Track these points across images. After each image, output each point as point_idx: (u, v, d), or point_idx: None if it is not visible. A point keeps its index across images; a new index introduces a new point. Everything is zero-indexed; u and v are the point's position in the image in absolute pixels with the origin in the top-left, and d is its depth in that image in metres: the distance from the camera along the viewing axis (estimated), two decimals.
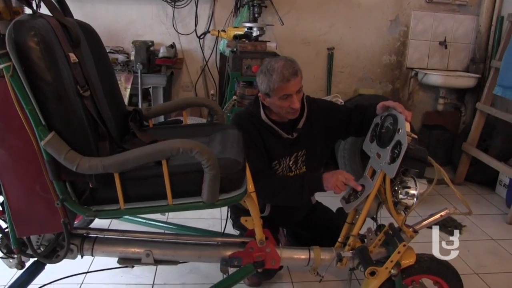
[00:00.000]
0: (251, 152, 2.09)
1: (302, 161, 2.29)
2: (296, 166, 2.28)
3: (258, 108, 2.21)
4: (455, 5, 4.56)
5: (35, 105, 1.43)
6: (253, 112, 2.21)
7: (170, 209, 1.59)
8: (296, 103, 2.08)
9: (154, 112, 2.23)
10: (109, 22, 4.22)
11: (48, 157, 1.47)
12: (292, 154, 2.25)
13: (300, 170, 2.30)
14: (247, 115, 2.23)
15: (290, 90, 2.06)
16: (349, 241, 2.01)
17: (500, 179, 4.01)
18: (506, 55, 3.65)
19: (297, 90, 2.09)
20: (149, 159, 1.52)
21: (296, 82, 2.07)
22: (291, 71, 2.05)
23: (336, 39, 4.52)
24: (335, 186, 2.01)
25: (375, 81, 4.72)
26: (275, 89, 2.06)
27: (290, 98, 2.07)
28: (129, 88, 3.72)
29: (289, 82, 2.04)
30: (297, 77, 2.07)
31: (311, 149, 2.29)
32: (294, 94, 2.07)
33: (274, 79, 2.04)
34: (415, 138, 1.77)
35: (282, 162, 2.23)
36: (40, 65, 1.42)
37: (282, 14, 4.15)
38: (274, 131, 2.19)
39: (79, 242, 1.86)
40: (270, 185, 2.10)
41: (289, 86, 2.05)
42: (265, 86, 2.09)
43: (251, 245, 1.91)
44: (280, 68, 2.04)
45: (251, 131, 2.17)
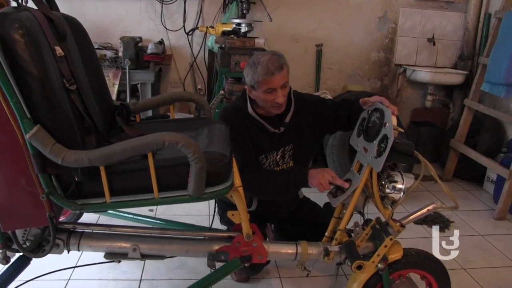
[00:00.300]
0: (237, 146, 2.09)
1: (290, 155, 2.29)
2: (283, 161, 2.28)
3: (245, 103, 2.21)
4: (443, 2, 4.59)
5: (20, 98, 1.41)
6: (240, 107, 2.21)
7: (156, 202, 1.59)
8: (280, 98, 2.09)
9: (141, 107, 2.22)
10: (97, 18, 4.19)
11: (34, 150, 1.46)
12: (279, 149, 2.25)
13: (287, 164, 2.30)
14: (234, 109, 2.23)
15: (274, 84, 2.06)
16: (336, 236, 2.01)
17: (487, 175, 4.03)
18: (493, 52, 3.67)
19: (282, 85, 2.09)
20: (135, 152, 1.51)
21: (281, 76, 2.07)
22: (276, 65, 2.05)
23: (324, 36, 4.53)
24: (319, 184, 2.02)
25: (363, 77, 4.73)
26: (259, 82, 2.06)
27: (274, 92, 2.08)
28: (117, 84, 3.70)
29: (274, 76, 2.04)
30: (282, 71, 2.06)
31: (299, 144, 2.29)
32: (279, 89, 2.07)
33: (259, 72, 2.05)
34: (402, 132, 1.78)
35: (269, 157, 2.23)
36: (25, 57, 1.40)
37: (271, 10, 4.16)
38: (261, 125, 2.19)
39: (65, 237, 1.84)
40: (256, 179, 2.10)
41: (273, 80, 2.05)
42: (250, 79, 2.10)
43: (238, 239, 1.90)
44: (266, 62, 2.05)
45: (238, 125, 2.16)
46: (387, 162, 1.80)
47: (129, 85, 3.74)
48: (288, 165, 2.30)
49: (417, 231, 3.19)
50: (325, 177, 2.01)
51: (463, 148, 4.07)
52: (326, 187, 2.01)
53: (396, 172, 1.93)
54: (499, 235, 3.23)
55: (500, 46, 3.60)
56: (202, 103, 2.26)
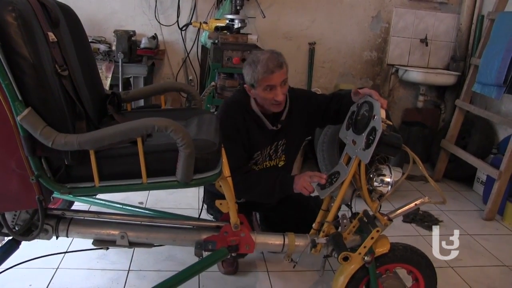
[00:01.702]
0: (232, 145, 2.12)
1: (282, 150, 2.34)
2: (276, 155, 2.34)
3: (247, 98, 2.24)
4: (437, 3, 4.62)
5: (12, 80, 1.41)
6: (242, 101, 2.24)
7: (144, 187, 1.60)
8: (279, 95, 2.12)
9: (132, 96, 2.23)
10: (91, 12, 4.19)
11: (24, 132, 1.46)
12: (273, 144, 2.31)
13: (279, 159, 2.36)
14: (236, 104, 2.26)
15: (274, 82, 2.09)
16: (323, 228, 2.02)
17: (477, 176, 4.05)
18: (485, 53, 3.69)
19: (282, 82, 2.12)
20: (125, 136, 1.52)
21: (281, 74, 2.10)
22: (275, 63, 2.08)
23: (317, 34, 4.55)
24: (302, 188, 2.07)
25: (355, 76, 4.76)
26: (259, 80, 2.10)
27: (274, 90, 2.11)
28: (109, 77, 3.71)
29: (273, 73, 2.08)
30: (281, 69, 2.10)
31: (291, 138, 2.35)
32: (278, 86, 2.11)
33: (259, 70, 2.08)
34: (390, 125, 1.79)
35: (263, 152, 2.29)
36: (17, 40, 1.40)
37: (264, 7, 4.18)
38: (260, 121, 2.23)
39: (54, 222, 1.85)
40: (244, 182, 2.14)
41: (273, 77, 2.08)
42: (249, 77, 2.13)
43: (225, 229, 1.91)
44: (265, 60, 2.08)
45: (238, 120, 2.20)
46: (375, 154, 1.81)
47: (122, 78, 3.74)
48: (280, 160, 2.36)
49: (406, 229, 3.21)
50: (305, 179, 2.07)
51: (454, 149, 4.09)
52: (309, 188, 2.07)
53: (384, 165, 1.94)
54: (487, 235, 3.25)
55: (492, 47, 3.62)
56: (193, 94, 2.26)
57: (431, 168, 4.42)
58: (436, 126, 4.84)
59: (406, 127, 4.70)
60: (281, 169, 2.39)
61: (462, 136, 4.24)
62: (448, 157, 4.23)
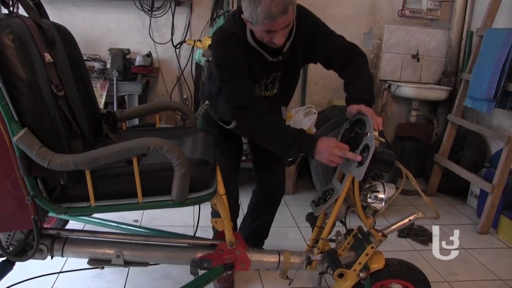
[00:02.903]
0: (236, 77, 1.96)
1: (278, 80, 2.17)
2: (272, 86, 2.17)
3: (243, 30, 1.97)
4: (427, 19, 4.68)
5: (9, 101, 1.44)
6: (238, 34, 1.98)
7: (140, 207, 1.61)
8: (279, 39, 1.86)
9: (127, 115, 2.25)
10: (86, 30, 4.22)
11: (20, 153, 1.48)
12: (271, 74, 2.12)
13: (274, 89, 2.18)
14: (233, 37, 1.98)
15: (275, 28, 1.81)
16: (318, 244, 2.02)
17: (471, 190, 4.07)
18: (475, 68, 3.74)
19: (285, 26, 1.84)
20: (121, 156, 1.54)
21: (285, 19, 1.79)
22: (280, 9, 1.74)
23: None
24: (330, 161, 1.86)
25: None
26: (258, 24, 1.81)
27: (274, 34, 1.85)
28: (104, 95, 3.72)
29: (275, 20, 1.77)
30: (286, 14, 1.77)
31: (289, 69, 2.14)
32: (280, 30, 1.83)
33: (259, 14, 1.76)
34: (383, 141, 1.80)
35: (262, 83, 2.11)
36: (14, 61, 1.43)
37: None
38: (259, 54, 2.00)
39: (49, 242, 1.85)
40: (258, 127, 1.96)
41: (275, 24, 1.79)
42: (248, 15, 1.83)
43: (221, 247, 1.92)
44: (268, 2, 1.73)
45: (238, 54, 1.97)
46: (368, 171, 1.82)
47: (117, 96, 3.75)
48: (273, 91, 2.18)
49: (400, 244, 3.21)
50: (334, 152, 1.83)
51: (447, 163, 4.11)
52: (338, 161, 1.86)
53: (378, 182, 1.95)
54: (482, 249, 3.26)
55: (481, 63, 3.67)
56: (187, 113, 2.28)
57: (425, 182, 4.43)
58: (429, 140, 4.87)
59: (399, 142, 4.72)
60: (275, 97, 2.20)
61: (455, 150, 4.27)
62: (442, 171, 4.25)
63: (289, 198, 3.90)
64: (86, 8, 4.20)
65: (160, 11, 4.16)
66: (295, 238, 3.20)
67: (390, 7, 4.62)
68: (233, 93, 1.94)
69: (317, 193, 2.15)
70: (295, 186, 4.11)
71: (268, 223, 2.66)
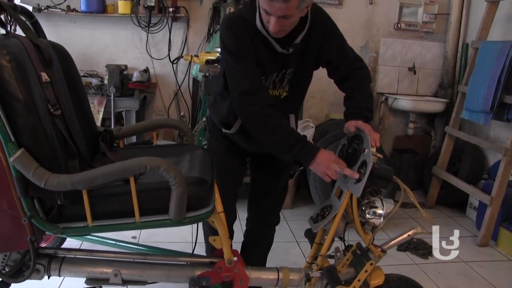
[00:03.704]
0: (242, 61, 1.86)
1: (289, 79, 2.03)
2: (281, 84, 2.03)
3: (253, 14, 1.87)
4: (423, 32, 4.72)
5: (5, 122, 1.44)
6: (247, 18, 1.87)
7: (137, 226, 1.60)
8: (273, 26, 1.76)
9: (124, 133, 2.24)
10: (83, 47, 4.25)
11: (17, 173, 1.48)
12: (280, 71, 1.99)
13: (283, 89, 2.06)
14: (241, 19, 1.88)
15: (271, 10, 1.72)
16: (317, 261, 2.01)
17: (470, 201, 4.06)
18: (471, 80, 3.76)
19: (281, 16, 1.74)
20: (117, 176, 1.53)
21: (283, 7, 1.69)
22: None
23: None
24: (325, 175, 1.82)
25: None
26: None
27: (270, 17, 1.76)
28: (102, 111, 3.73)
29: (272, 2, 1.69)
30: (285, 3, 1.68)
31: (301, 69, 2.02)
32: (275, 17, 1.74)
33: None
34: (381, 157, 1.80)
35: (269, 78, 1.98)
36: (11, 82, 1.44)
37: None
38: (268, 43, 1.89)
39: (46, 262, 1.83)
40: (261, 119, 1.85)
41: (271, 5, 1.71)
42: None
43: (219, 265, 1.90)
44: None
45: (244, 38, 1.86)
46: (366, 187, 1.82)
47: (114, 112, 3.77)
48: (284, 90, 2.05)
49: (400, 257, 3.20)
50: (332, 167, 1.79)
51: (445, 175, 4.11)
52: (333, 176, 1.81)
53: (376, 197, 1.95)
54: (482, 262, 3.25)
55: (477, 75, 3.69)
56: (184, 130, 2.28)
57: (424, 195, 4.43)
58: (427, 152, 4.88)
59: (397, 155, 4.73)
60: (282, 101, 2.06)
61: (453, 162, 4.27)
62: (440, 183, 4.25)
63: (288, 213, 3.89)
64: (83, 25, 4.22)
65: (157, 27, 4.18)
66: (294, 253, 3.19)
67: (386, 20, 4.65)
68: (239, 78, 1.85)
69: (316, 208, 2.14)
70: (294, 201, 4.10)
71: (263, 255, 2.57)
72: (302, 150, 1.83)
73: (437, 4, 4.66)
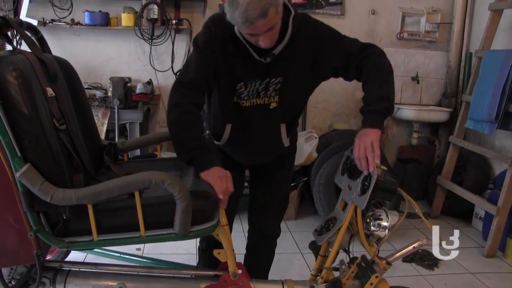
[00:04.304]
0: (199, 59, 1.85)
1: (276, 89, 1.95)
2: (266, 93, 1.96)
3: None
4: (425, 42, 4.72)
5: (12, 137, 1.46)
6: (228, 22, 1.78)
7: (142, 240, 1.61)
8: (264, 42, 1.74)
9: (128, 146, 2.26)
10: (87, 59, 4.28)
11: (23, 188, 1.50)
12: (264, 79, 1.92)
13: (270, 98, 1.98)
14: (221, 21, 1.82)
15: (256, 31, 1.69)
16: (322, 274, 2.01)
17: (476, 211, 4.04)
18: (475, 90, 3.75)
19: (268, 29, 1.70)
20: (122, 190, 1.54)
21: (264, 23, 1.65)
22: (258, 12, 1.61)
23: None
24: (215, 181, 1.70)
25: (349, 116, 4.79)
26: (239, 27, 1.74)
27: (257, 37, 1.73)
28: (106, 123, 3.75)
29: (254, 24, 1.64)
30: (265, 18, 1.63)
31: (290, 79, 1.94)
32: (263, 34, 1.70)
33: (236, 17, 1.65)
34: (385, 169, 1.80)
35: (249, 85, 1.92)
36: (17, 98, 1.46)
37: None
38: (245, 49, 1.85)
39: (52, 275, 1.83)
40: (180, 111, 1.82)
41: (254, 28, 1.67)
42: (229, 17, 1.71)
43: (224, 278, 1.89)
44: (245, 6, 1.60)
45: (217, 41, 1.85)
46: (371, 199, 1.82)
47: (118, 124, 3.78)
48: (271, 99, 1.98)
49: (405, 269, 3.18)
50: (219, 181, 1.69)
51: (450, 185, 4.10)
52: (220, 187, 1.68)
53: (381, 209, 1.94)
54: (489, 273, 3.21)
55: (481, 84, 3.68)
56: None
57: (429, 205, 4.41)
58: (431, 162, 4.85)
59: (401, 165, 4.72)
60: (272, 112, 2.00)
61: (457, 171, 4.25)
62: (445, 193, 4.23)
63: (292, 224, 3.89)
64: (87, 37, 4.26)
65: (160, 39, 4.19)
66: (298, 264, 3.18)
67: (388, 30, 4.66)
68: (187, 69, 1.85)
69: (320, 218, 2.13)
70: (298, 212, 4.09)
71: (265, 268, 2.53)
72: (199, 157, 1.78)
73: (439, 13, 4.66)
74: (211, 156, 1.82)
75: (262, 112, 2.00)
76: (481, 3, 4.34)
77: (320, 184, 3.68)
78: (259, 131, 2.06)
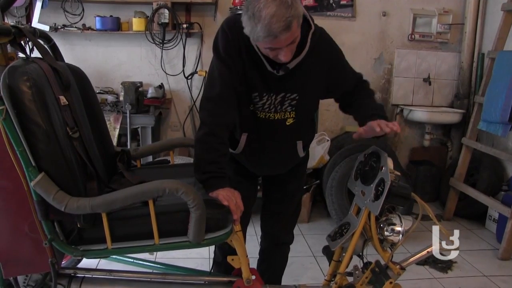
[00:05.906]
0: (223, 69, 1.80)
1: (292, 105, 1.93)
2: (281, 108, 1.93)
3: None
4: (437, 43, 4.67)
5: (26, 147, 1.48)
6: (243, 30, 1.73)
7: (156, 248, 1.62)
8: (285, 56, 1.70)
9: (141, 153, 2.27)
10: (99, 64, 4.30)
11: (37, 197, 1.51)
12: (279, 93, 1.89)
13: (286, 114, 1.96)
14: (238, 26, 1.73)
15: (278, 45, 1.65)
16: (336, 279, 2.00)
17: (489, 214, 3.99)
18: (488, 91, 3.71)
19: (290, 43, 1.66)
20: (136, 199, 1.56)
21: (288, 36, 1.61)
22: (282, 25, 1.56)
23: None
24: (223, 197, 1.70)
25: None
26: (260, 42, 1.67)
27: (278, 51, 1.68)
28: (118, 128, 3.76)
29: (277, 38, 1.59)
30: (289, 31, 1.59)
31: (305, 96, 1.93)
32: (285, 47, 1.67)
33: (259, 31, 1.59)
34: (398, 175, 1.80)
35: (264, 98, 1.89)
36: (32, 108, 1.48)
37: None
38: (258, 59, 1.81)
39: (66, 282, 1.85)
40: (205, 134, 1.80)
41: (277, 42, 1.62)
42: (248, 32, 1.66)
43: (238, 284, 1.90)
44: (268, 19, 1.55)
45: (235, 45, 1.81)
46: (384, 205, 1.81)
47: (130, 129, 3.79)
48: (288, 115, 1.96)
49: (419, 272, 3.16)
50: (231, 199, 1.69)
51: (463, 187, 4.06)
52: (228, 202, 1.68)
53: (395, 214, 1.94)
54: (504, 276, 3.17)
55: (494, 85, 3.64)
56: None
57: (441, 207, 4.37)
58: (444, 164, 4.82)
59: (413, 166, 4.69)
60: (288, 128, 1.98)
61: (470, 173, 4.21)
62: (458, 195, 4.19)
63: (304, 227, 3.87)
64: (98, 42, 4.27)
65: (171, 43, 4.20)
66: (311, 268, 3.16)
67: (400, 31, 4.63)
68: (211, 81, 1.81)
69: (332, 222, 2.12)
70: (310, 215, 4.08)
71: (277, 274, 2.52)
72: (212, 180, 1.76)
73: (451, 14, 4.62)
74: (223, 182, 1.78)
75: (279, 127, 1.98)
76: (494, 3, 4.29)
77: (332, 187, 3.67)
78: (275, 146, 2.04)
